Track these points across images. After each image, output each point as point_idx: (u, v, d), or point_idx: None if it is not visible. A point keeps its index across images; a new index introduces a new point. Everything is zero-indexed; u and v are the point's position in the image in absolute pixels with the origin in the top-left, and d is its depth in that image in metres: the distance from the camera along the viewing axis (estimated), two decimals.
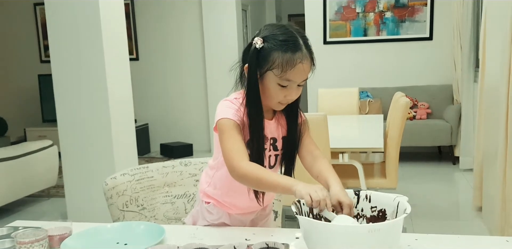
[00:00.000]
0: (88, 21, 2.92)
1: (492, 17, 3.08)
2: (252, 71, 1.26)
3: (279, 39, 1.23)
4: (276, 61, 1.22)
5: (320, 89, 4.48)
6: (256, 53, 1.25)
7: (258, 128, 1.29)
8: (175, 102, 6.21)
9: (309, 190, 1.09)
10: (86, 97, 3.01)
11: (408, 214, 1.07)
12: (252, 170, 1.21)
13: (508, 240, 1.21)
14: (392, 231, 1.04)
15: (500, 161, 2.65)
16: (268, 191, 1.31)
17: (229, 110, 1.29)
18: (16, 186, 3.71)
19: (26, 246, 1.16)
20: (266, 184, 1.20)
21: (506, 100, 2.58)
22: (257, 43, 1.24)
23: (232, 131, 1.27)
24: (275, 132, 1.37)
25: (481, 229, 3.09)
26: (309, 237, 1.07)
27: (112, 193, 1.59)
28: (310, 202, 1.08)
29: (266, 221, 1.52)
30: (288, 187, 1.14)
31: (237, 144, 1.25)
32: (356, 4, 5.43)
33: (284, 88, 1.26)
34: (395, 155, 2.89)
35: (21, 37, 6.53)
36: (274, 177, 1.20)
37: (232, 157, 1.23)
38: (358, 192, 1.22)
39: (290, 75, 1.23)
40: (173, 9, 6.01)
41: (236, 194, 1.38)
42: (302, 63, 1.23)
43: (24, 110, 6.61)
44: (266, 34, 1.26)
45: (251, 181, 1.22)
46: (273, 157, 1.38)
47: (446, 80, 5.25)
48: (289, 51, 1.22)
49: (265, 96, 1.29)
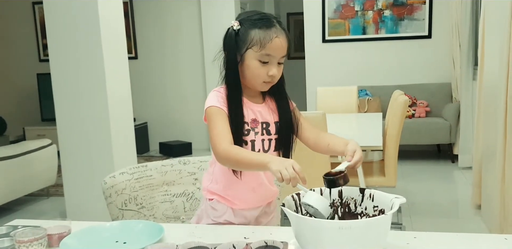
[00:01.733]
0: (86, 20, 2.92)
1: (490, 15, 3.08)
2: (231, 53, 1.32)
3: (253, 19, 1.31)
4: (254, 39, 1.29)
5: (319, 88, 4.48)
6: (234, 36, 1.32)
7: (237, 110, 1.33)
8: (174, 101, 6.21)
9: (280, 168, 1.12)
10: (85, 96, 3.01)
11: (387, 215, 1.05)
12: (231, 151, 1.25)
13: (507, 238, 1.21)
14: (366, 230, 1.02)
15: (499, 159, 2.65)
16: (249, 170, 1.34)
17: (214, 98, 1.35)
18: (15, 185, 3.71)
19: (25, 245, 1.16)
20: (244, 163, 1.24)
21: (505, 98, 2.58)
22: (234, 25, 1.32)
23: (217, 117, 1.32)
24: (267, 116, 1.40)
25: (480, 227, 3.10)
26: (293, 228, 1.12)
27: (111, 192, 1.59)
28: (281, 179, 1.11)
29: (271, 219, 1.52)
30: (264, 164, 1.17)
31: (221, 128, 1.30)
32: (355, 2, 5.43)
33: (266, 65, 1.31)
34: (394, 153, 2.89)
35: (19, 36, 6.53)
36: (250, 155, 1.24)
37: (215, 141, 1.28)
38: (363, 190, 1.23)
39: (268, 49, 1.29)
40: (171, 8, 6.01)
41: (237, 184, 1.39)
42: (278, 37, 1.29)
43: (23, 109, 6.61)
44: (241, 17, 1.34)
45: (232, 162, 1.26)
46: (267, 141, 1.39)
47: (445, 79, 5.25)
48: (264, 27, 1.29)
49: (250, 77, 1.34)
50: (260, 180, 1.41)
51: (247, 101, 1.38)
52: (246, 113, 1.36)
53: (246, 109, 1.36)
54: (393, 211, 1.07)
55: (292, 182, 1.11)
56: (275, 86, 1.39)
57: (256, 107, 1.39)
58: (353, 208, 1.24)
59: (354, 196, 1.23)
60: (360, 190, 1.23)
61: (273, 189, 1.48)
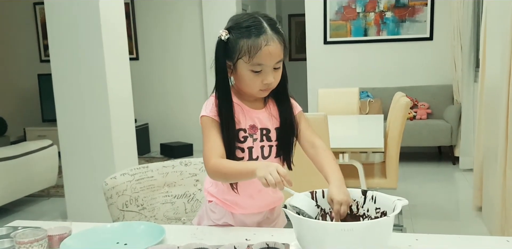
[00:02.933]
0: (88, 21, 2.92)
1: (492, 17, 3.07)
2: (221, 62, 1.29)
3: (242, 26, 1.25)
4: (243, 49, 1.24)
5: (320, 89, 4.47)
6: (223, 45, 1.27)
7: (228, 118, 1.31)
8: (175, 102, 6.21)
9: (265, 174, 1.12)
10: (86, 97, 3.00)
11: (389, 217, 1.05)
12: (219, 166, 1.25)
13: (509, 240, 1.21)
14: (368, 232, 1.02)
15: (500, 161, 2.64)
16: (240, 181, 1.32)
17: (208, 107, 1.34)
18: (16, 185, 3.71)
19: (26, 246, 1.15)
20: (232, 175, 1.24)
21: (506, 100, 2.58)
22: (222, 35, 1.28)
23: (210, 130, 1.31)
24: (267, 122, 1.37)
25: (481, 229, 3.09)
26: (295, 230, 1.12)
27: (112, 193, 1.59)
28: (267, 184, 1.11)
29: (274, 225, 1.48)
30: (251, 172, 1.17)
31: (212, 143, 1.30)
32: (357, 4, 5.43)
33: (259, 74, 1.27)
34: (395, 155, 2.89)
35: (20, 37, 6.53)
36: (237, 167, 1.24)
37: (206, 157, 1.28)
38: (365, 192, 1.22)
39: (258, 59, 1.24)
40: (173, 8, 6.01)
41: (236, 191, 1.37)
42: (268, 45, 1.23)
43: (24, 110, 6.60)
44: (230, 24, 1.29)
45: (221, 175, 1.27)
46: (267, 148, 1.37)
47: (446, 81, 5.24)
48: (253, 36, 1.24)
49: (245, 86, 1.31)
50: (259, 187, 1.35)
51: (245, 107, 1.36)
52: (244, 120, 1.34)
53: (244, 116, 1.34)
54: (395, 213, 1.07)
55: (278, 186, 1.10)
56: (277, 89, 1.35)
57: (255, 113, 1.36)
58: (355, 209, 1.24)
59: (356, 197, 1.23)
60: (362, 191, 1.23)
61: (276, 195, 1.44)
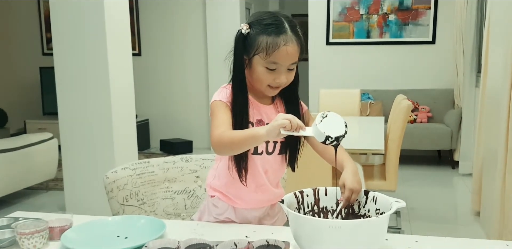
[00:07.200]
0: (92, 16, 2.92)
1: (495, 22, 3.08)
2: (238, 55, 1.30)
3: (263, 23, 1.27)
4: (261, 45, 1.26)
5: (321, 90, 4.48)
6: (242, 39, 1.29)
7: (242, 109, 1.31)
8: (176, 98, 6.21)
9: (282, 121, 1.11)
10: (88, 91, 3.01)
11: (378, 217, 1.06)
12: (223, 136, 1.23)
13: (508, 244, 1.21)
14: (358, 231, 1.03)
15: (499, 166, 2.65)
16: (247, 148, 1.27)
17: (221, 94, 1.34)
18: (15, 177, 3.71)
19: (27, 237, 1.15)
20: (239, 141, 1.21)
21: (508, 105, 2.58)
22: (243, 28, 1.29)
23: (219, 110, 1.31)
24: (273, 117, 1.36)
25: (478, 234, 3.09)
26: (291, 225, 1.14)
27: (112, 187, 1.59)
28: (290, 128, 1.10)
29: (275, 221, 1.49)
30: (259, 135, 1.15)
31: (220, 120, 1.28)
32: (360, 6, 5.43)
33: (273, 72, 1.28)
34: (395, 157, 2.89)
35: (23, 29, 6.53)
36: (242, 132, 1.22)
37: (212, 131, 1.27)
38: (367, 193, 1.23)
39: (275, 57, 1.25)
40: (176, 5, 6.01)
41: (238, 183, 1.36)
42: (286, 45, 1.25)
43: (25, 102, 6.60)
44: (252, 20, 1.31)
45: (226, 144, 1.23)
46: (271, 143, 1.38)
47: (448, 85, 5.25)
48: (273, 34, 1.25)
49: (255, 81, 1.32)
50: (262, 181, 1.39)
51: (254, 101, 1.36)
52: (252, 113, 1.34)
53: (252, 109, 1.35)
54: (387, 214, 1.08)
55: (293, 123, 1.10)
56: (286, 89, 1.36)
57: (263, 108, 1.37)
58: (357, 209, 1.24)
59: (359, 197, 1.24)
60: (365, 192, 1.23)
61: (277, 191, 1.45)
